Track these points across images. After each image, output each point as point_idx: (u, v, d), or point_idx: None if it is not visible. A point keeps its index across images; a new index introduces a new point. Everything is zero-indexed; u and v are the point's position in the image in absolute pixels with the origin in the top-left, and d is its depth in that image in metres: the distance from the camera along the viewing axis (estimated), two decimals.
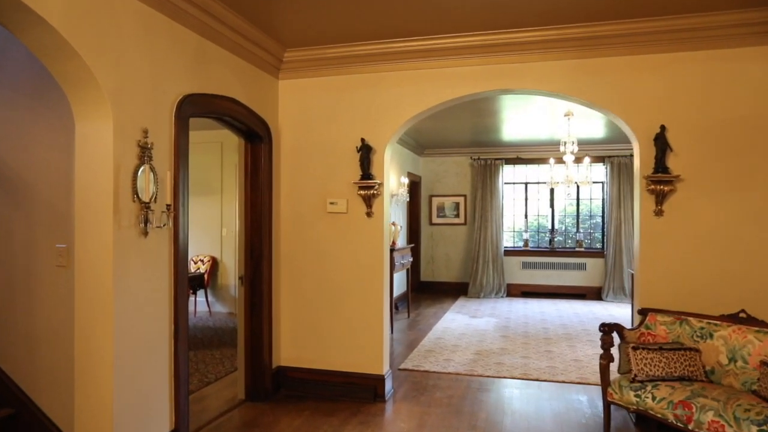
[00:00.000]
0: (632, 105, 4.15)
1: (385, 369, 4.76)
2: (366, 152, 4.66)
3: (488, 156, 10.75)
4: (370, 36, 4.42)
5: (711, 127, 4.01)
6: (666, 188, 4.06)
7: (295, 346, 4.92)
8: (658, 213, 4.12)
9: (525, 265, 10.72)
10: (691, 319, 3.87)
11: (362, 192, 4.68)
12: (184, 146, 3.55)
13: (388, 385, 4.78)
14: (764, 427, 2.98)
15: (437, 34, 4.34)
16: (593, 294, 10.30)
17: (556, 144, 10.00)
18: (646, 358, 3.66)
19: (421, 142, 10.37)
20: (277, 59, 4.72)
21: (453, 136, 9.64)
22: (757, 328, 3.58)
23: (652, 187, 4.09)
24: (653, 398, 3.48)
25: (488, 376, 5.35)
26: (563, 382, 5.17)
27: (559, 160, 7.87)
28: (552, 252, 10.68)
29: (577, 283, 10.45)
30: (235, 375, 5.23)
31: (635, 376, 3.64)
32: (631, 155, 9.98)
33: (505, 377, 5.33)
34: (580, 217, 10.83)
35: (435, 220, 11.31)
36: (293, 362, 4.91)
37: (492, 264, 10.57)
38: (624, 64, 4.16)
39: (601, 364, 3.84)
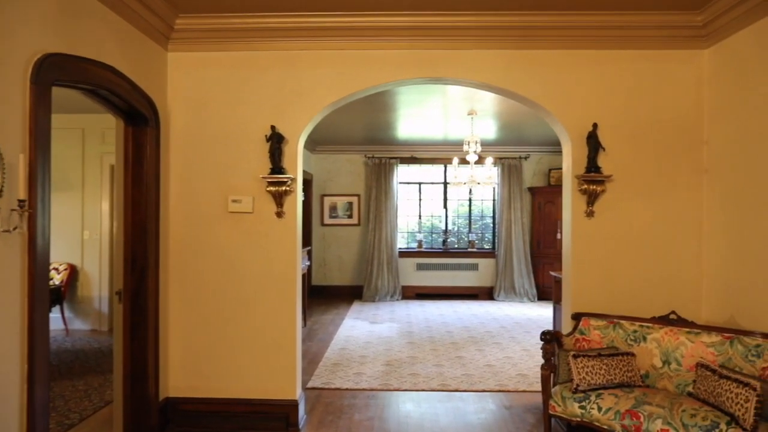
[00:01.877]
0: (565, 101, 4.00)
1: (298, 392, 4.14)
2: (277, 142, 4.00)
3: (383, 155, 10.46)
4: (284, 6, 3.78)
5: (640, 127, 3.98)
6: (598, 188, 3.95)
7: (188, 373, 4.09)
8: (590, 214, 4.00)
9: (419, 267, 10.59)
10: (624, 322, 3.79)
11: (272, 188, 4.01)
12: (44, 123, 2.65)
13: (302, 411, 4.16)
14: None
15: (361, 10, 3.83)
16: (485, 294, 10.46)
17: (450, 144, 10.02)
18: (587, 366, 3.48)
19: (313, 137, 9.75)
20: (167, 26, 3.88)
21: (347, 132, 9.18)
22: (687, 329, 3.57)
23: (585, 187, 3.96)
24: (599, 409, 3.30)
25: (406, 390, 4.95)
26: (483, 391, 4.93)
27: (463, 161, 7.75)
28: (445, 253, 10.67)
29: (469, 283, 10.54)
30: (107, 411, 4.25)
31: (577, 386, 3.44)
32: (521, 157, 10.31)
33: (423, 390, 4.96)
34: (472, 217, 10.97)
35: (327, 220, 10.76)
36: (186, 392, 4.08)
37: (387, 266, 10.28)
38: (558, 59, 3.99)
39: (542, 375, 3.59)
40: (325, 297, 10.42)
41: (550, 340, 3.62)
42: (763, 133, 3.41)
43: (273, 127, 4.00)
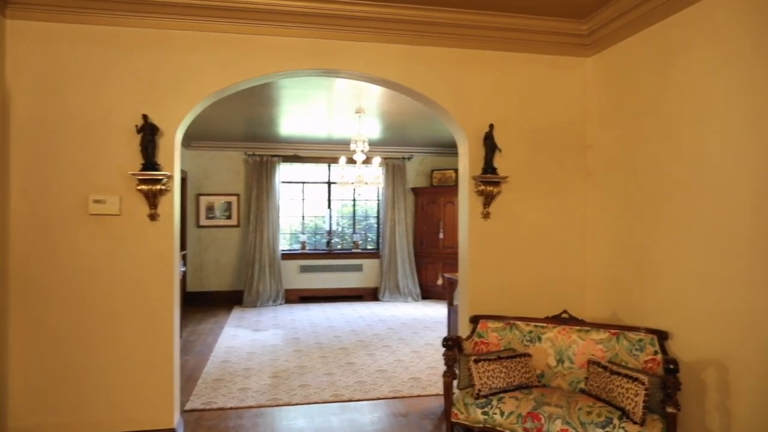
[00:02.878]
0: (463, 101, 3.96)
1: (176, 418, 3.64)
2: (150, 134, 3.47)
3: (264, 152, 9.93)
4: None
5: (533, 129, 4.06)
6: (494, 190, 3.96)
7: (36, 407, 3.40)
8: (486, 215, 4.00)
9: (303, 269, 10.23)
10: (520, 323, 3.82)
11: (144, 187, 3.47)
12: None
13: None
14: (608, 428, 2.98)
15: None
16: (370, 295, 10.39)
17: (335, 143, 9.79)
18: (488, 370, 3.44)
19: (188, 132, 8.89)
20: None
21: (225, 127, 8.54)
22: (578, 328, 3.68)
23: (481, 188, 3.95)
24: (501, 413, 3.26)
25: (297, 404, 4.62)
26: (378, 399, 4.76)
27: (350, 160, 7.56)
28: (330, 254, 10.42)
29: (354, 284, 10.40)
30: None
31: (479, 391, 3.38)
32: (404, 158, 10.39)
33: (316, 402, 4.66)
34: (356, 218, 10.85)
35: (203, 221, 9.96)
36: (33, 431, 3.39)
37: (269, 269, 9.78)
38: (457, 57, 3.93)
39: (444, 382, 3.48)
40: (202, 304, 9.63)
41: (452, 346, 3.53)
42: (640, 138, 3.62)
43: (145, 117, 3.46)
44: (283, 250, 10.17)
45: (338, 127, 8.40)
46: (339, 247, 10.71)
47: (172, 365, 3.59)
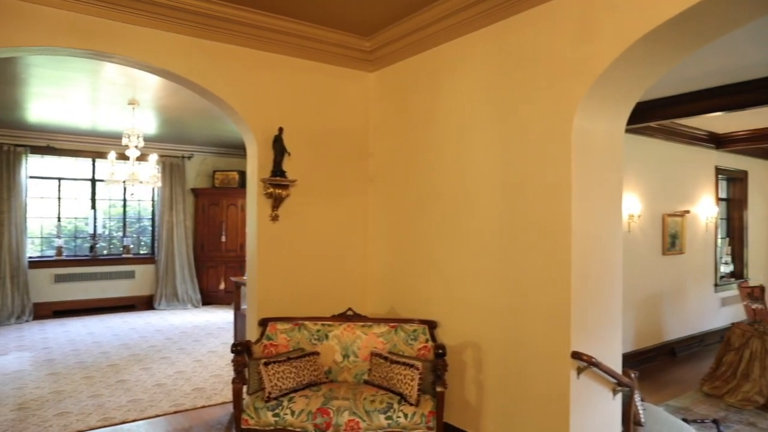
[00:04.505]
0: (253, 102, 3.90)
1: None
2: None
3: (6, 141, 8.29)
4: None
5: (322, 135, 4.20)
6: (283, 193, 4.00)
7: None
8: (275, 218, 4.01)
9: (59, 279, 8.82)
10: (307, 323, 3.92)
11: None
12: None
13: None
14: (390, 413, 3.26)
15: None
16: (144, 304, 9.46)
17: (102, 136, 8.73)
18: (278, 372, 3.46)
19: None
20: None
21: None
22: (362, 323, 3.94)
23: (270, 190, 3.95)
24: (292, 413, 3.31)
25: None
26: (156, 416, 4.38)
27: (121, 156, 6.79)
28: (94, 260, 9.18)
29: (125, 293, 9.36)
30: None
31: (270, 394, 3.38)
32: (184, 156, 9.74)
33: (80, 431, 4.08)
34: (127, 220, 9.78)
35: None
36: None
37: (11, 280, 8.19)
38: (247, 57, 3.86)
39: (234, 388, 3.38)
40: None
41: (241, 351, 3.45)
42: (414, 149, 4.06)
43: None
44: (31, 258, 8.63)
45: (107, 118, 7.48)
46: (105, 252, 9.51)
47: None
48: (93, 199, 9.35)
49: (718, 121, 6.79)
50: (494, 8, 3.30)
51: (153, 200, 9.84)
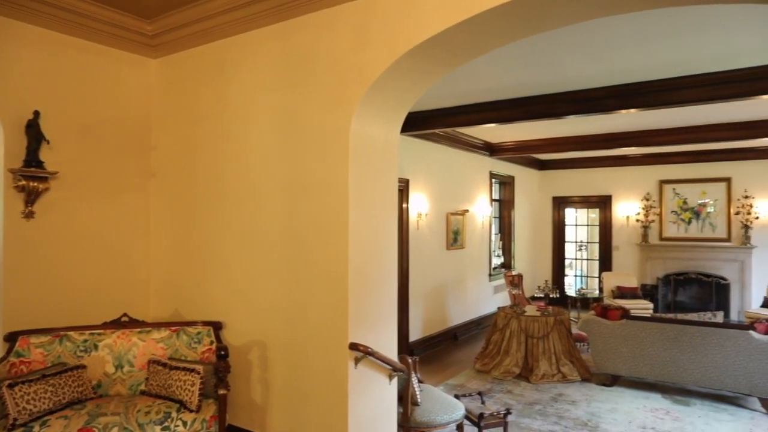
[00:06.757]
0: None
1: None
2: None
3: None
4: None
5: (92, 123, 3.76)
6: (40, 186, 3.48)
7: None
8: (29, 215, 3.47)
9: None
10: (72, 333, 3.48)
11: None
12: None
13: None
14: (167, 423, 3.07)
15: None
16: None
17: None
18: (28, 393, 3.00)
19: None
20: None
21: None
22: (140, 329, 3.63)
23: (23, 183, 3.41)
24: None
25: None
26: None
27: None
28: None
29: None
30: None
31: (15, 420, 2.92)
32: None
33: None
34: None
35: None
36: None
37: None
38: None
39: None
40: None
41: None
42: (200, 144, 3.87)
43: None
44: None
45: None
46: None
47: None
48: None
49: (491, 132, 7.80)
50: (278, 7, 3.30)
51: None
